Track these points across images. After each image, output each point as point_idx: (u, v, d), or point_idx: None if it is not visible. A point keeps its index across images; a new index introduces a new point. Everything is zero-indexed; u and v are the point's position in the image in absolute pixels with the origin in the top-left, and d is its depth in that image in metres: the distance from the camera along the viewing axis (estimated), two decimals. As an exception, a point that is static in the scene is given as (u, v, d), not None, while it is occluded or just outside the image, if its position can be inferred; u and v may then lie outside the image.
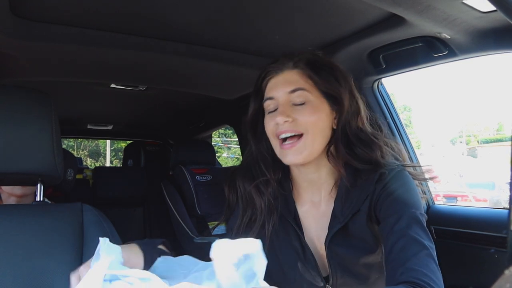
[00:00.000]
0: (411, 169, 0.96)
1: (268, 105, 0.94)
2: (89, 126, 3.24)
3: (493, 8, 0.93)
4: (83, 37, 1.25)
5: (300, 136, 0.89)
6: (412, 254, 0.77)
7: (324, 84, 0.92)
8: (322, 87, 0.92)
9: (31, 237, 0.95)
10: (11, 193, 1.55)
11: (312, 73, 0.92)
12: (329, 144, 0.93)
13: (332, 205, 0.93)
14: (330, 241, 0.90)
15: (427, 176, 1.03)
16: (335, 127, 0.94)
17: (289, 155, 0.90)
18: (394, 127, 1.65)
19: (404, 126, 1.71)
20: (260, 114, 0.99)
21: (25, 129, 0.99)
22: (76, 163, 2.82)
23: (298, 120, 0.89)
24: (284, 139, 0.90)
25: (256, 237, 0.95)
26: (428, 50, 1.24)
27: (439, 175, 13.29)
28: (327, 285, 0.92)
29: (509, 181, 0.69)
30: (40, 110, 1.02)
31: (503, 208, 1.65)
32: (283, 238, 0.96)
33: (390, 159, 0.96)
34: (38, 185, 1.12)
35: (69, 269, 0.94)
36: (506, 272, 0.39)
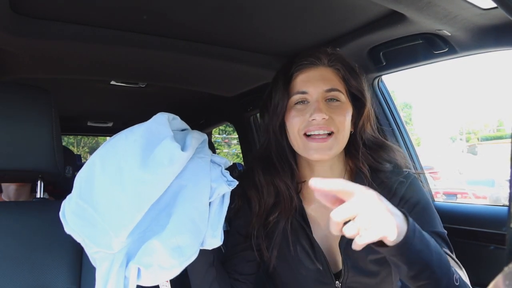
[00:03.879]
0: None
1: (299, 98, 0.92)
2: (89, 123, 3.24)
3: (493, 5, 0.92)
4: (83, 34, 1.24)
5: (330, 134, 0.89)
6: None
7: (356, 87, 0.94)
8: (354, 89, 0.94)
9: (32, 234, 0.95)
10: (7, 186, 1.59)
11: (347, 74, 0.94)
12: (348, 145, 0.95)
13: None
14: (347, 243, 0.89)
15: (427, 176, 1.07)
16: (352, 130, 0.96)
17: (318, 150, 0.89)
18: (394, 125, 1.65)
19: (404, 123, 1.71)
20: (284, 106, 0.95)
21: (25, 126, 0.99)
22: (75, 160, 2.82)
23: (332, 118, 0.89)
24: (310, 135, 0.90)
25: (268, 235, 0.96)
26: (429, 47, 1.24)
27: (439, 172, 13.30)
28: (337, 281, 0.92)
29: (509, 178, 0.69)
30: (40, 107, 1.02)
31: (503, 206, 1.65)
32: (291, 235, 0.96)
33: (400, 162, 0.98)
34: (38, 182, 1.12)
35: (69, 265, 0.95)
36: (505, 269, 0.39)
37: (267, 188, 0.96)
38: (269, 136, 0.99)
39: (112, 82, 1.95)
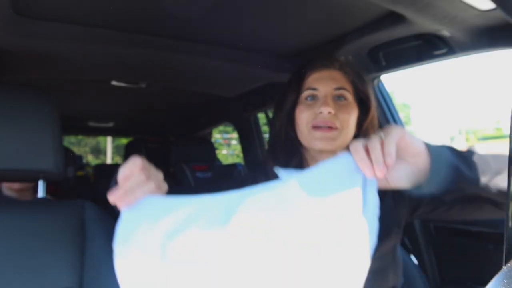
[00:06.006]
0: None
1: (309, 94, 1.00)
2: (90, 124, 3.24)
3: (492, 6, 0.93)
4: (83, 35, 1.25)
5: (335, 129, 0.96)
6: None
7: (362, 91, 1.03)
8: (361, 92, 1.02)
9: (32, 234, 0.96)
10: (10, 187, 1.58)
11: (355, 78, 1.03)
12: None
13: None
14: None
15: None
16: (356, 132, 1.02)
17: (323, 140, 0.95)
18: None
19: (404, 123, 1.72)
20: (294, 100, 1.02)
21: (26, 126, 1.00)
22: (75, 161, 2.82)
23: (338, 115, 0.96)
24: (316, 127, 0.97)
25: None
26: (428, 47, 1.25)
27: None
28: None
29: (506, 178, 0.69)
30: (41, 108, 1.02)
31: (502, 205, 1.65)
32: None
33: None
34: (40, 182, 1.12)
35: (70, 265, 0.95)
36: (504, 268, 0.40)
37: None
38: (280, 128, 1.05)
39: (113, 83, 1.95)
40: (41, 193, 1.11)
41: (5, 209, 0.99)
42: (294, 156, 1.03)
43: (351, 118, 0.98)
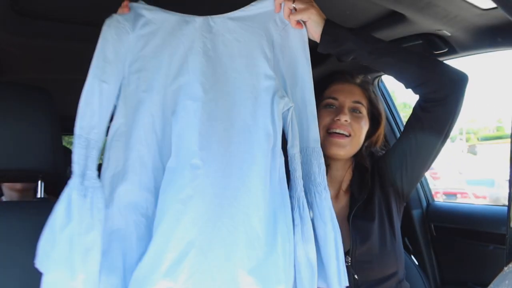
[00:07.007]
0: None
1: (328, 102, 1.11)
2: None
3: (493, 5, 0.93)
4: (83, 34, 1.24)
5: (348, 136, 1.08)
6: None
7: (377, 108, 1.16)
8: (375, 109, 1.16)
9: (32, 233, 0.95)
10: (11, 187, 1.57)
11: (372, 96, 1.16)
12: (358, 152, 1.14)
13: (346, 198, 1.11)
14: (353, 216, 1.05)
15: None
16: (365, 144, 1.15)
17: (336, 145, 1.07)
18: (394, 125, 1.66)
19: (404, 123, 1.71)
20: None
21: (25, 126, 0.99)
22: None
23: (353, 124, 1.08)
24: (332, 132, 1.08)
25: None
26: (428, 47, 1.24)
27: (438, 172, 13.30)
28: (347, 256, 1.00)
29: (508, 178, 0.69)
30: (40, 107, 1.02)
31: (503, 205, 1.65)
32: None
33: None
34: (39, 182, 1.12)
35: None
36: (505, 269, 0.39)
37: None
38: None
39: (112, 82, 1.94)
40: (39, 193, 1.11)
41: (5, 209, 0.99)
42: None
43: (363, 129, 1.10)
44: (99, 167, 0.81)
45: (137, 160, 0.83)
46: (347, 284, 0.85)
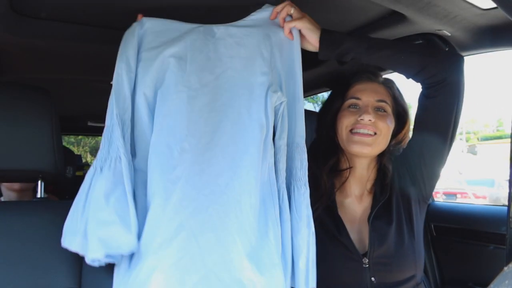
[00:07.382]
0: None
1: (352, 102, 1.09)
2: (89, 123, 3.24)
3: (493, 5, 0.93)
4: (83, 34, 1.25)
5: (372, 135, 1.05)
6: None
7: (402, 106, 1.14)
8: (400, 107, 1.13)
9: (32, 234, 0.95)
10: (10, 187, 1.57)
11: (396, 94, 1.13)
12: (384, 152, 1.12)
13: (369, 199, 1.10)
14: (374, 217, 1.04)
15: None
16: (392, 143, 1.13)
17: (359, 144, 1.05)
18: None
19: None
20: (338, 106, 1.12)
21: (25, 126, 0.99)
22: (75, 161, 2.81)
23: (377, 123, 1.05)
24: (355, 132, 1.06)
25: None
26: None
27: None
28: (365, 257, 1.00)
29: (508, 178, 0.69)
30: (40, 107, 1.02)
31: (503, 206, 1.65)
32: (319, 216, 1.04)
33: None
34: (39, 182, 1.12)
35: (69, 265, 0.95)
36: (505, 268, 0.39)
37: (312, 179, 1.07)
38: (322, 132, 1.15)
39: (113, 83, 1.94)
40: (40, 193, 1.11)
41: (5, 209, 0.99)
42: (332, 157, 1.12)
43: (389, 127, 1.07)
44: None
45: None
46: (314, 286, 0.84)
